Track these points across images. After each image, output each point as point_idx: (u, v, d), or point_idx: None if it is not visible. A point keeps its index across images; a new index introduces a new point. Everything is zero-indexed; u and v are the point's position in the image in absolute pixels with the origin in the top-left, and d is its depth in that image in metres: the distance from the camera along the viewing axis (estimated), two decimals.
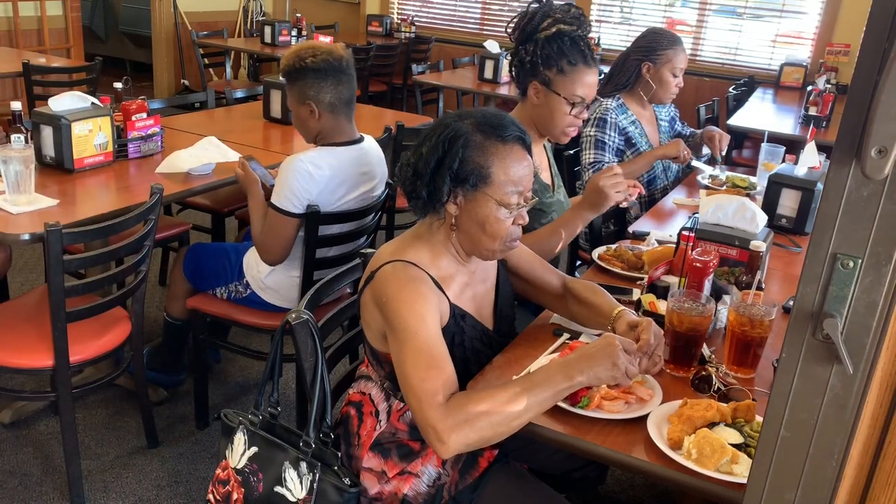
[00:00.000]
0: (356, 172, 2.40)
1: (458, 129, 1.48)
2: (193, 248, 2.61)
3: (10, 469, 2.38)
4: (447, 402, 1.35)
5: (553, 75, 2.04)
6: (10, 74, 4.50)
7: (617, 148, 2.89)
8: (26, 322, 2.25)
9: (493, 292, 1.70)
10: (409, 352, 1.40)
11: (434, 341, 1.41)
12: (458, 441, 1.32)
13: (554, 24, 2.02)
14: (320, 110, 2.32)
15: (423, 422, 1.35)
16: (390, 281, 1.46)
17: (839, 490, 0.81)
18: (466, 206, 1.50)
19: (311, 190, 2.28)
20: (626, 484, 2.53)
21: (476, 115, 1.52)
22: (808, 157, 2.57)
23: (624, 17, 6.52)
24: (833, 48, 5.60)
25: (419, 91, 5.15)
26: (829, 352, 0.76)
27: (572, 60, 2.03)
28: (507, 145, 1.50)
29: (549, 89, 2.06)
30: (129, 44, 8.41)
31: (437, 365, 1.39)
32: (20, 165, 2.19)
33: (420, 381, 1.37)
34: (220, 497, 1.57)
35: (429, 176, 1.49)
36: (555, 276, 1.79)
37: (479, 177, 1.47)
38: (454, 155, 1.47)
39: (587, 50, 2.05)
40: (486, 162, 1.48)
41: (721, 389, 1.49)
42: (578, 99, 2.06)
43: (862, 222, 0.73)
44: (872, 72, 0.68)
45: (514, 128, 1.52)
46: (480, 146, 1.48)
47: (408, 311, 1.42)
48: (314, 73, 2.30)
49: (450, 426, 1.32)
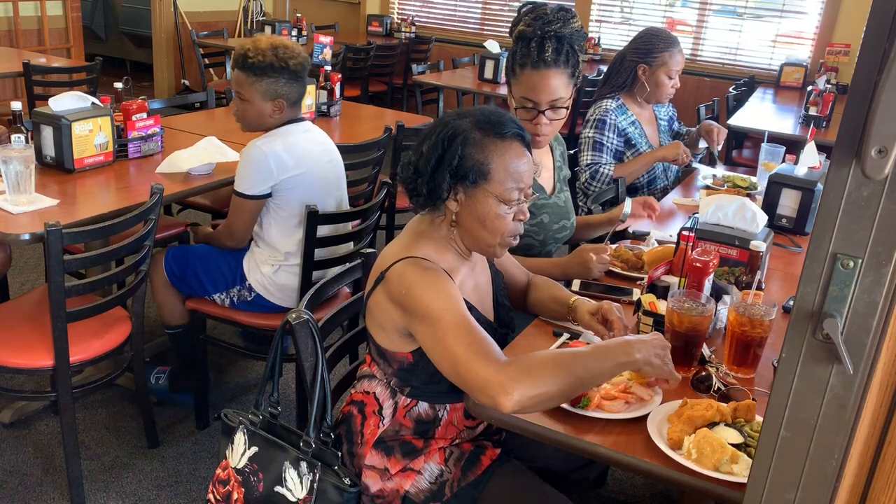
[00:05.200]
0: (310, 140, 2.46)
1: (457, 127, 1.50)
2: (173, 255, 2.53)
3: (10, 469, 2.38)
4: (505, 361, 1.35)
5: (511, 80, 2.06)
6: (11, 74, 4.51)
7: (616, 150, 2.88)
8: (26, 322, 2.25)
9: (491, 284, 1.72)
10: (446, 328, 1.39)
11: (466, 312, 1.42)
12: (523, 393, 1.30)
13: (515, 27, 2.03)
14: (285, 107, 2.38)
15: (481, 382, 1.33)
16: (407, 275, 1.47)
17: (839, 490, 0.81)
18: (467, 202, 1.51)
19: (272, 169, 2.32)
20: (626, 484, 2.53)
21: (475, 114, 1.53)
22: (808, 157, 2.57)
23: (624, 17, 6.52)
24: (833, 48, 5.60)
25: (419, 91, 5.16)
26: (829, 352, 0.76)
27: (521, 63, 2.01)
28: (506, 142, 1.51)
29: (510, 94, 2.08)
30: (129, 44, 8.41)
31: (478, 332, 1.39)
32: (20, 165, 2.20)
33: (466, 347, 1.36)
34: (220, 497, 1.57)
35: (429, 174, 1.50)
36: (522, 273, 1.87)
37: (479, 173, 1.49)
38: (454, 152, 1.48)
39: (538, 49, 1.97)
40: (486, 158, 1.49)
41: (721, 389, 1.49)
42: (528, 103, 2.01)
43: (862, 222, 0.73)
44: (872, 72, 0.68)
45: (513, 125, 1.54)
46: (479, 143, 1.49)
47: (433, 294, 1.42)
48: (291, 74, 2.34)
49: (512, 377, 1.31)
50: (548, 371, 1.32)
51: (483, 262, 1.71)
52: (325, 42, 5.36)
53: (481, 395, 1.34)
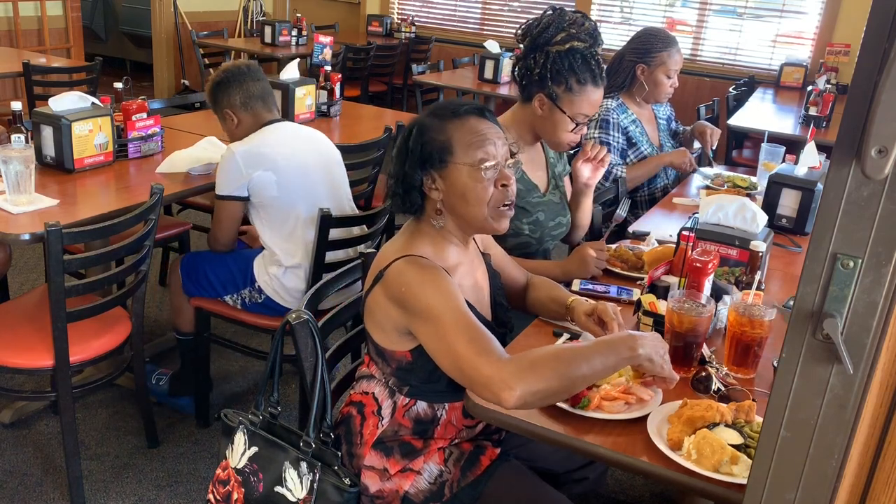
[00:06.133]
0: (288, 138, 2.49)
1: (413, 123, 1.57)
2: (188, 260, 2.57)
3: (10, 469, 2.38)
4: (506, 358, 1.35)
5: (561, 91, 2.02)
6: (11, 74, 4.51)
7: (621, 148, 2.89)
8: (26, 322, 2.25)
9: (488, 283, 1.72)
10: (447, 325, 1.39)
11: (466, 309, 1.43)
12: (526, 388, 1.29)
13: (568, 40, 2.00)
14: (235, 112, 2.49)
15: (483, 378, 1.33)
16: (406, 272, 1.47)
17: (839, 490, 0.81)
18: (444, 185, 1.53)
19: (240, 167, 2.35)
20: (626, 484, 2.53)
21: (430, 107, 1.61)
22: (808, 157, 2.57)
23: (624, 17, 6.52)
24: (833, 48, 5.60)
25: (419, 91, 5.15)
26: (829, 352, 0.76)
27: (582, 80, 2.01)
28: (462, 118, 1.55)
29: (554, 104, 2.04)
30: (129, 44, 8.41)
31: (479, 329, 1.39)
32: (20, 165, 2.19)
33: (468, 344, 1.36)
34: (220, 497, 1.57)
35: (402, 173, 1.55)
36: (521, 274, 1.88)
37: (443, 150, 1.52)
38: (415, 143, 1.54)
39: (597, 68, 2.03)
40: (445, 136, 1.53)
41: (721, 390, 1.48)
42: (582, 118, 2.06)
43: (862, 222, 0.73)
44: (872, 72, 0.68)
45: (469, 105, 1.58)
46: (437, 126, 1.54)
47: (433, 291, 1.43)
48: (218, 86, 2.49)
49: (514, 372, 1.30)
50: (550, 367, 1.32)
51: (480, 261, 1.72)
52: (325, 42, 5.36)
53: (484, 390, 1.33)
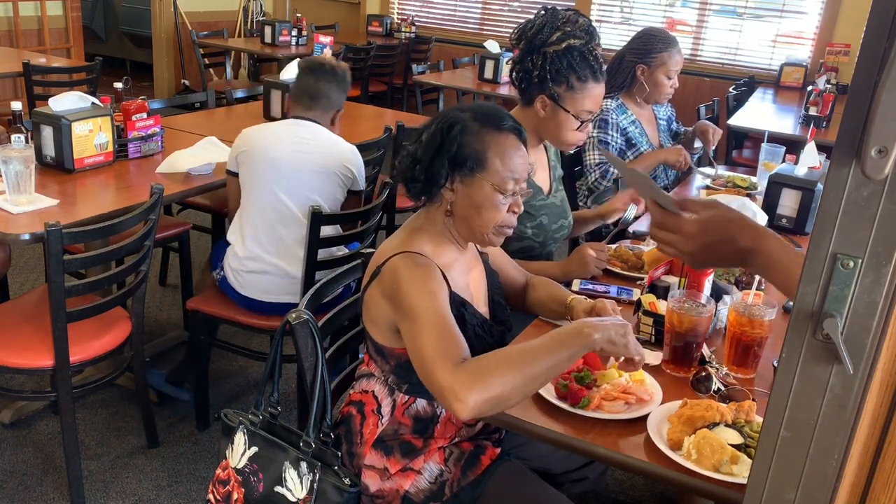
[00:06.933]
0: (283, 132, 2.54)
1: (456, 118, 1.54)
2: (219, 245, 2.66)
3: (10, 469, 2.38)
4: (461, 364, 1.35)
5: (562, 91, 2.02)
6: (11, 74, 4.51)
7: (619, 149, 2.89)
8: (26, 322, 2.25)
9: (485, 281, 1.72)
10: (422, 326, 1.40)
11: (444, 312, 1.43)
12: (476, 399, 1.29)
13: (564, 39, 2.00)
14: (289, 98, 2.71)
15: (438, 385, 1.33)
16: (399, 269, 1.47)
17: (839, 490, 0.81)
18: (463, 190, 1.53)
19: (238, 144, 2.49)
20: (626, 484, 2.53)
21: (473, 107, 1.58)
22: (808, 157, 2.57)
23: (624, 17, 6.52)
24: (833, 48, 5.60)
25: (419, 91, 5.15)
26: (829, 352, 0.76)
27: (582, 77, 2.01)
28: (503, 134, 1.55)
29: (557, 104, 2.03)
30: (129, 44, 8.41)
31: (448, 333, 1.39)
32: (20, 165, 2.19)
33: (433, 349, 1.37)
34: (220, 497, 1.57)
35: (428, 161, 1.53)
36: (520, 274, 1.88)
37: (476, 161, 1.52)
38: (452, 140, 1.52)
39: (596, 64, 2.03)
40: (483, 147, 1.52)
41: (721, 390, 1.49)
42: (587, 115, 2.05)
43: (862, 222, 0.72)
44: (872, 72, 0.68)
45: (511, 120, 1.58)
46: (477, 133, 1.53)
47: (418, 291, 1.43)
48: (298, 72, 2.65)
49: (464, 382, 1.30)
50: (499, 372, 1.31)
51: (478, 260, 1.72)
52: (325, 42, 5.36)
53: (441, 401, 1.35)
